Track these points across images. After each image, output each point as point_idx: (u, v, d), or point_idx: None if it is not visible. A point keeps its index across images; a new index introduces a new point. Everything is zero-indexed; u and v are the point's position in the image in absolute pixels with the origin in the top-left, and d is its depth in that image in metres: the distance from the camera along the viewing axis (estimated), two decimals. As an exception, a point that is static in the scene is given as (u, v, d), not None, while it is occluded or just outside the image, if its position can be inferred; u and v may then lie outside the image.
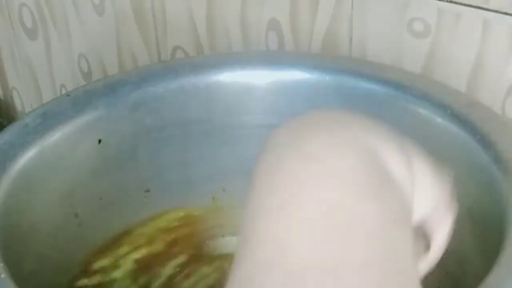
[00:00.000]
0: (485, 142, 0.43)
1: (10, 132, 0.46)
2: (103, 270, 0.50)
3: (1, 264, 0.38)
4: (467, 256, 0.45)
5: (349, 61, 0.53)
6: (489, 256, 0.38)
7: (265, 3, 0.61)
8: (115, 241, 0.51)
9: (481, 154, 0.43)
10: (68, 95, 0.50)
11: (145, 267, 0.52)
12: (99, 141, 0.49)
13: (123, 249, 0.51)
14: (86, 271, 0.49)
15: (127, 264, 0.51)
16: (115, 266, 0.51)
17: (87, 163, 0.49)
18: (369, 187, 0.30)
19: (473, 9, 0.51)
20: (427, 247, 0.36)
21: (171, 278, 0.53)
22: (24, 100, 0.89)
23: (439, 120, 0.46)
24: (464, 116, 0.45)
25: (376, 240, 0.28)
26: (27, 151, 0.45)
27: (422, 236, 0.35)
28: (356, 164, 0.30)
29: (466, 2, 0.51)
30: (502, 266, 0.36)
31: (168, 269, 0.53)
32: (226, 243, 0.56)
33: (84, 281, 0.48)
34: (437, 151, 0.47)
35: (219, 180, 0.55)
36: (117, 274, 0.51)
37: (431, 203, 0.35)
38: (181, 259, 0.54)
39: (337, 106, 0.43)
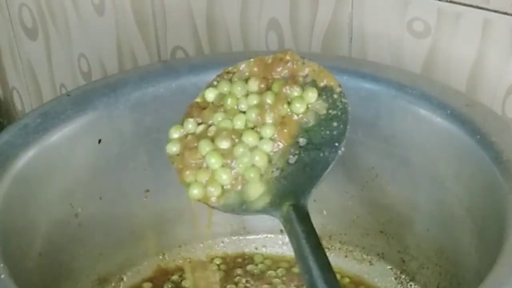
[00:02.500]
0: (485, 142, 0.43)
1: (10, 132, 0.46)
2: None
3: (1, 264, 0.38)
4: (467, 256, 0.45)
5: (349, 61, 0.53)
6: (489, 256, 0.38)
7: (265, 3, 0.61)
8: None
9: (481, 154, 0.43)
10: (68, 95, 0.50)
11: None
12: (99, 141, 0.49)
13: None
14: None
15: None
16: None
17: (87, 163, 0.49)
18: None
19: (473, 9, 0.51)
20: None
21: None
22: (24, 100, 0.89)
23: (439, 120, 0.46)
24: (464, 116, 0.45)
25: None
26: (27, 151, 0.45)
27: None
28: None
29: (466, 2, 0.51)
30: (502, 265, 0.36)
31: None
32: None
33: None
34: (437, 151, 0.47)
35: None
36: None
37: None
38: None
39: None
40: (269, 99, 0.42)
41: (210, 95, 0.43)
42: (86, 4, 0.73)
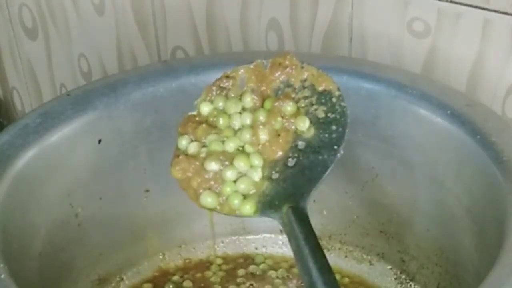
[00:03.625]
0: (485, 142, 0.43)
1: (10, 132, 0.46)
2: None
3: (1, 265, 0.38)
4: (467, 255, 0.45)
5: (349, 61, 0.53)
6: (489, 256, 0.38)
7: (265, 3, 0.61)
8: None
9: (481, 154, 0.43)
10: (68, 95, 0.50)
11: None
12: (99, 141, 0.49)
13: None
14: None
15: None
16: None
17: (87, 163, 0.49)
18: None
19: (473, 9, 0.51)
20: None
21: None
22: (24, 100, 0.89)
23: (439, 120, 0.46)
24: (464, 116, 0.45)
25: None
26: (27, 151, 0.45)
27: None
28: None
29: (466, 2, 0.51)
30: (502, 265, 0.36)
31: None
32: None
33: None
34: (437, 151, 0.47)
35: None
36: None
37: None
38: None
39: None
40: (262, 116, 0.42)
41: (205, 108, 0.43)
42: (86, 4, 0.73)
